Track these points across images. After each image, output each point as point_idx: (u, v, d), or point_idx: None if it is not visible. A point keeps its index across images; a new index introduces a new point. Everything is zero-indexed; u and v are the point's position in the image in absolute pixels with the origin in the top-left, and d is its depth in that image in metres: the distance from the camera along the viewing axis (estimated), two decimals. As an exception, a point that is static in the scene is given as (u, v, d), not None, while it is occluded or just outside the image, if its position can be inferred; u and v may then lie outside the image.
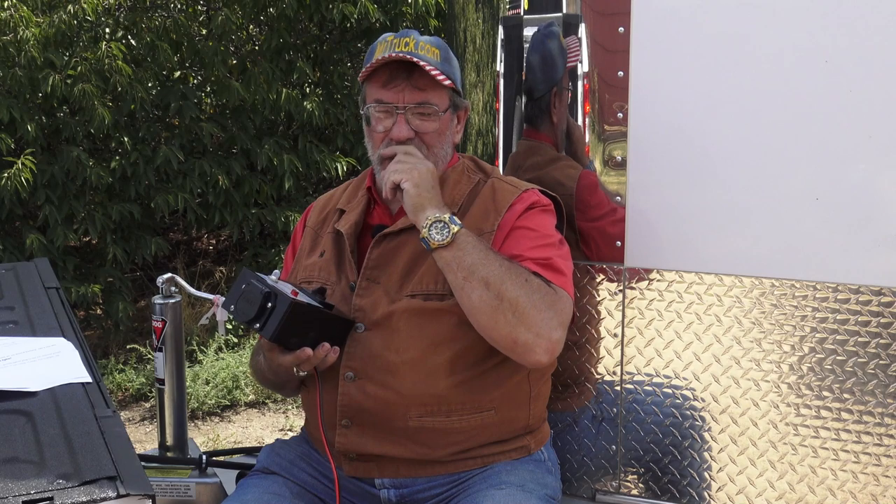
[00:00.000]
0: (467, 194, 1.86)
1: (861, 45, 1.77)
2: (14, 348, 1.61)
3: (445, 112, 1.84)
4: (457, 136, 1.91)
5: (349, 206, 1.93)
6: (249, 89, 5.33)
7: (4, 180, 4.66)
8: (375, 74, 1.82)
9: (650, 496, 2.07)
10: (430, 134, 1.82)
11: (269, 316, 1.67)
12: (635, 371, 2.03)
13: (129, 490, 1.12)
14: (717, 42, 1.88)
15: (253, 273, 1.73)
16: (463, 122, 1.92)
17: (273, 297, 1.67)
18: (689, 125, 1.92)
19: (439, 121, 1.82)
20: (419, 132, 1.81)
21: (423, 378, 1.74)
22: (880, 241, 1.80)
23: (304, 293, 1.74)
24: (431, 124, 1.81)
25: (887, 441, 1.85)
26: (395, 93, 1.79)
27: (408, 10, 5.55)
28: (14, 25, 4.79)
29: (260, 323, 1.68)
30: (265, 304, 1.67)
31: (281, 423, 4.65)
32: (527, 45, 2.15)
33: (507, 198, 1.83)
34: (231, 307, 1.72)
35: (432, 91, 1.80)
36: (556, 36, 2.09)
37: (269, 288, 1.68)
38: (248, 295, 1.69)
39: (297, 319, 1.67)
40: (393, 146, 1.79)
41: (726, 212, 1.91)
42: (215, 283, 6.00)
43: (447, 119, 1.85)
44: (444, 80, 1.79)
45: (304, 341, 1.70)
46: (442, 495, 1.80)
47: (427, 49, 1.80)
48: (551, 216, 1.86)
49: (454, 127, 1.89)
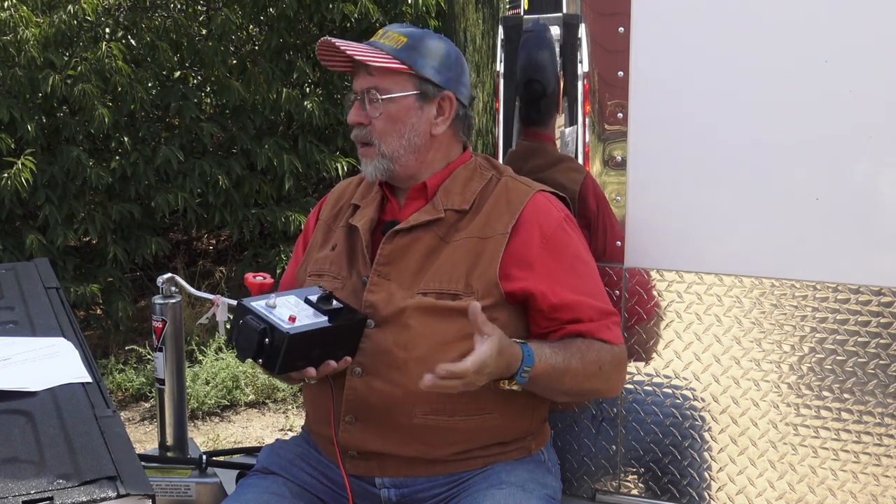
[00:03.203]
0: (479, 191, 1.84)
1: (861, 45, 1.77)
2: (14, 348, 1.61)
3: (405, 98, 1.81)
4: (436, 127, 1.84)
5: (364, 201, 1.92)
6: (249, 89, 5.32)
7: (4, 180, 4.66)
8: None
9: (650, 496, 2.07)
10: (377, 120, 1.82)
11: (270, 352, 1.64)
12: (635, 371, 2.03)
13: (129, 490, 1.13)
14: (716, 42, 1.88)
15: (248, 305, 1.68)
16: (448, 114, 1.85)
17: (270, 332, 1.63)
18: (688, 125, 1.92)
19: (386, 106, 1.81)
20: (371, 119, 1.83)
21: None
22: (880, 241, 1.80)
23: (305, 305, 1.71)
24: (377, 110, 1.82)
25: (887, 441, 1.85)
26: (357, 80, 1.86)
27: (408, 10, 5.54)
28: (14, 25, 4.78)
29: (262, 359, 1.65)
30: (263, 341, 1.63)
31: (281, 423, 4.65)
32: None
33: (521, 198, 1.82)
34: (232, 345, 1.70)
35: (382, 77, 1.81)
36: (549, 34, 2.09)
37: (264, 323, 1.64)
38: (245, 332, 1.66)
39: (299, 347, 1.64)
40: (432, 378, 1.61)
41: (726, 212, 1.91)
42: (215, 283, 5.99)
43: (406, 106, 1.81)
44: (389, 63, 1.79)
45: (311, 361, 1.68)
46: (442, 495, 1.80)
47: (391, 37, 1.82)
48: (573, 228, 1.87)
49: (428, 117, 1.83)
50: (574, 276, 1.80)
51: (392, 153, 1.82)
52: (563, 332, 1.77)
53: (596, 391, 1.88)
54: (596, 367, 1.76)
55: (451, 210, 1.82)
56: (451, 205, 1.82)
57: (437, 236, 1.80)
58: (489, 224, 1.79)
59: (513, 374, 1.67)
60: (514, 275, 1.76)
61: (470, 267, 1.75)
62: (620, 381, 1.86)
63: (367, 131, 1.83)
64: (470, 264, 1.76)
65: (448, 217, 1.81)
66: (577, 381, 1.75)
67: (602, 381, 1.80)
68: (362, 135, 1.84)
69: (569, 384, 1.75)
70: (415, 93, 1.82)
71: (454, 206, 1.82)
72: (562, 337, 1.77)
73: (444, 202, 1.82)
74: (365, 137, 1.83)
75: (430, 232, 1.80)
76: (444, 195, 1.83)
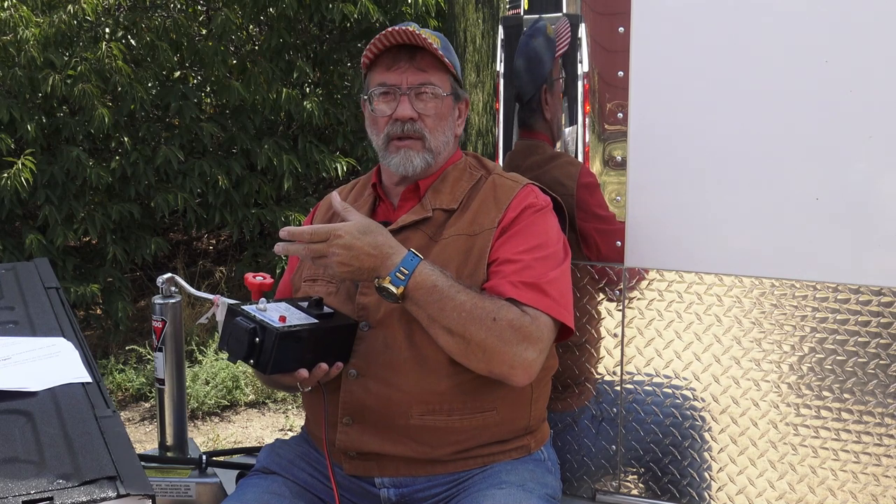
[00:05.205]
0: (468, 191, 1.86)
1: (861, 45, 1.77)
2: (14, 348, 1.60)
3: (448, 96, 1.86)
4: (458, 127, 1.92)
5: (356, 204, 1.93)
6: (249, 89, 5.32)
7: (4, 180, 4.66)
8: (379, 60, 1.85)
9: (650, 496, 2.07)
10: (431, 117, 1.84)
11: (261, 351, 1.64)
12: (635, 371, 2.03)
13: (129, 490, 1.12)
14: (717, 42, 1.88)
15: (237, 308, 1.69)
16: (464, 116, 1.94)
17: (260, 331, 1.63)
18: (689, 125, 1.92)
19: (441, 103, 1.84)
20: (421, 114, 1.83)
21: (425, 376, 1.74)
22: (880, 241, 1.80)
23: (296, 310, 1.72)
24: (433, 106, 1.83)
25: (887, 441, 1.85)
26: (398, 74, 1.83)
27: (408, 10, 5.54)
28: (14, 25, 4.79)
29: (253, 359, 1.65)
30: (253, 340, 1.63)
31: (281, 423, 4.65)
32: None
33: (508, 193, 1.83)
34: (224, 348, 1.70)
35: (434, 73, 1.83)
36: (542, 32, 2.09)
37: (254, 323, 1.64)
38: (235, 333, 1.66)
39: (290, 347, 1.64)
40: (283, 245, 1.68)
41: (726, 212, 1.91)
42: (215, 283, 5.99)
43: (449, 104, 1.87)
44: (446, 60, 1.83)
45: (303, 363, 1.68)
46: (442, 495, 1.80)
47: (428, 36, 1.84)
48: (552, 217, 1.86)
49: (455, 118, 1.91)
50: (514, 241, 1.77)
51: (437, 148, 1.86)
52: (489, 282, 1.74)
53: (484, 347, 1.66)
54: (488, 316, 1.65)
55: (440, 209, 1.83)
56: (439, 204, 1.84)
57: (427, 235, 1.81)
58: (477, 221, 1.80)
59: (388, 272, 1.64)
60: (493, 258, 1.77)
61: (460, 264, 1.76)
62: (520, 352, 1.67)
63: (418, 126, 1.83)
64: (460, 262, 1.76)
65: (437, 216, 1.83)
66: (460, 318, 1.64)
67: (493, 336, 1.65)
68: (413, 129, 1.83)
69: (451, 316, 1.65)
70: (452, 93, 1.88)
71: (443, 205, 1.84)
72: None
73: (433, 202, 1.84)
74: (416, 132, 1.83)
75: (419, 231, 1.81)
76: (433, 195, 1.86)
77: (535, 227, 1.80)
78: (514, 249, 1.76)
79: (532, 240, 1.78)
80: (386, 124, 1.84)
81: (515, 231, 1.78)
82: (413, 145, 1.84)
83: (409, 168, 1.84)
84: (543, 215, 1.83)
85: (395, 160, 1.84)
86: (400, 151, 1.84)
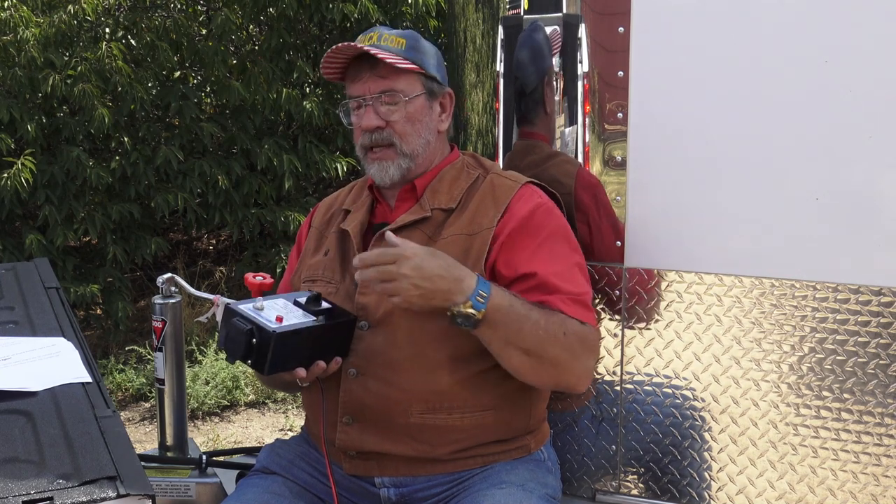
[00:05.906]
0: (466, 190, 1.86)
1: (861, 45, 1.77)
2: (14, 348, 1.61)
3: (418, 97, 1.85)
4: (442, 123, 1.91)
5: (354, 205, 1.94)
6: (249, 89, 5.32)
7: (4, 180, 4.66)
8: (347, 73, 1.88)
9: (650, 496, 2.07)
10: (399, 122, 1.83)
11: (258, 352, 1.64)
12: (635, 371, 2.03)
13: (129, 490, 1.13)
14: (717, 42, 1.88)
15: (235, 308, 1.69)
16: (449, 111, 1.92)
17: (257, 332, 1.63)
18: (688, 125, 1.92)
19: (408, 106, 1.83)
20: (389, 121, 1.83)
21: (424, 374, 1.74)
22: (880, 241, 1.80)
23: (294, 307, 1.71)
24: (398, 112, 1.83)
25: (887, 441, 1.85)
26: (360, 85, 1.85)
27: (408, 10, 5.55)
28: (14, 25, 4.79)
29: (251, 360, 1.65)
30: (250, 341, 1.63)
31: (281, 423, 4.65)
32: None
33: (507, 192, 1.83)
34: (222, 348, 1.71)
35: (395, 78, 1.83)
36: (539, 32, 2.10)
37: (250, 323, 1.64)
38: (233, 334, 1.66)
39: (287, 346, 1.64)
40: (359, 271, 1.65)
41: (726, 212, 1.91)
42: (215, 283, 5.99)
43: (420, 105, 1.86)
44: (405, 64, 1.82)
45: (301, 361, 1.68)
46: (442, 494, 1.80)
47: (390, 40, 1.84)
48: (561, 214, 1.86)
49: (435, 114, 1.89)
50: (546, 253, 1.77)
51: (412, 151, 1.85)
52: (527, 297, 1.73)
53: (557, 362, 1.69)
54: (559, 330, 1.67)
55: (438, 209, 1.83)
56: (437, 204, 1.84)
57: (426, 235, 1.81)
58: (475, 220, 1.80)
59: (466, 297, 1.62)
60: (493, 258, 1.77)
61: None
62: (586, 363, 1.73)
63: (386, 133, 1.83)
64: (459, 262, 1.76)
65: (435, 216, 1.83)
66: (538, 338, 1.65)
67: (565, 351, 1.68)
68: (381, 137, 1.84)
69: (529, 336, 1.65)
70: (424, 92, 1.86)
71: (441, 205, 1.84)
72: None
73: (431, 202, 1.84)
74: (385, 140, 1.84)
75: (417, 231, 1.81)
76: (431, 195, 1.86)
77: (546, 230, 1.80)
78: (541, 261, 1.75)
79: (569, 246, 1.81)
80: (360, 135, 1.86)
81: (542, 240, 1.77)
82: (385, 155, 1.84)
83: (386, 178, 1.85)
84: (557, 214, 1.84)
85: (372, 170, 1.87)
86: (375, 163, 1.85)
